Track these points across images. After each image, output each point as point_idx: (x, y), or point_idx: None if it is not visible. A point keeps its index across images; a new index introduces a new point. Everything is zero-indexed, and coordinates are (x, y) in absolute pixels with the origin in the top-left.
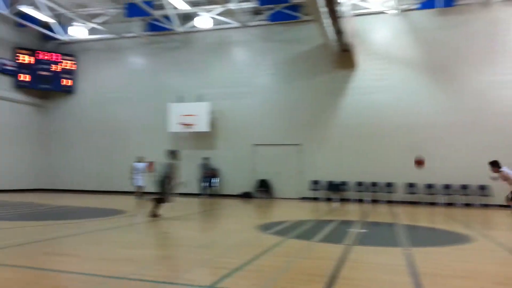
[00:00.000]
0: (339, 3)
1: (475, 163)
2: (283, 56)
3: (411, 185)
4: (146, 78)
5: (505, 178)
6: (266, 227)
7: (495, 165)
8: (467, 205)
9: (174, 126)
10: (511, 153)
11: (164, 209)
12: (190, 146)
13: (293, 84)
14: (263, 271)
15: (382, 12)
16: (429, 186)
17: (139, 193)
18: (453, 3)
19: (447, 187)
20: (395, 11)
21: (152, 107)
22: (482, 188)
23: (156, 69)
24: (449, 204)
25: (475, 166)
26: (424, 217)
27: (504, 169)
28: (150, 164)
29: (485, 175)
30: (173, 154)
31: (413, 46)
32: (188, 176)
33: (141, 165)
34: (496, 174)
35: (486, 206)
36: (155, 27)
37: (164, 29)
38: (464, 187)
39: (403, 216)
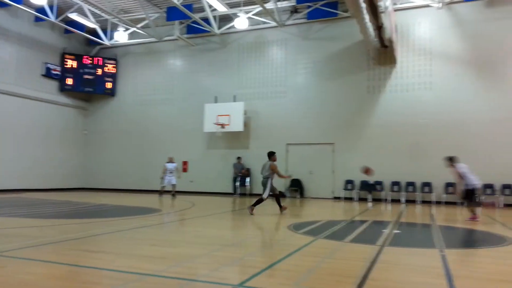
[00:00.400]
0: None
1: None
2: (320, 54)
3: (449, 184)
4: (184, 80)
5: (457, 174)
6: (297, 227)
7: (450, 160)
8: (508, 205)
9: (209, 126)
10: None
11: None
12: (224, 146)
13: (329, 82)
14: (292, 270)
15: (425, 6)
16: None
17: (172, 192)
18: None
19: (488, 186)
20: (439, 4)
21: (189, 108)
22: None
23: (194, 70)
24: (490, 205)
25: None
26: (461, 218)
27: (460, 165)
28: (184, 163)
29: None
30: (271, 155)
31: (457, 40)
32: (221, 175)
33: (171, 165)
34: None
35: None
36: (194, 30)
37: (202, 31)
38: (506, 186)
39: (439, 216)
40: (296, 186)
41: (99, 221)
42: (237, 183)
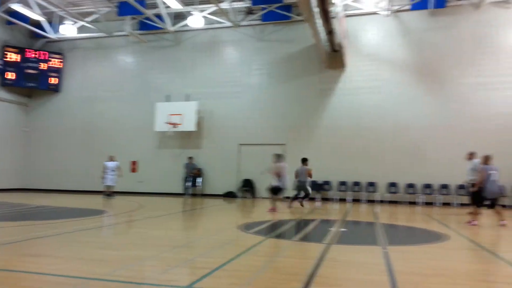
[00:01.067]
0: (332, 3)
1: (456, 163)
2: (273, 56)
3: (392, 184)
4: (134, 77)
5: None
6: (247, 227)
7: (277, 158)
8: (446, 204)
9: (161, 125)
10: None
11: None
12: (176, 146)
13: (282, 84)
14: (242, 270)
15: (374, 13)
16: (410, 186)
17: (109, 193)
18: (444, 4)
19: (427, 186)
20: (387, 12)
21: (140, 106)
22: (461, 187)
23: (145, 68)
24: (428, 203)
25: (456, 166)
26: (403, 216)
27: (282, 164)
28: (133, 163)
29: (463, 175)
30: (305, 160)
31: (403, 47)
32: (172, 175)
33: (112, 163)
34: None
35: (464, 205)
36: (146, 26)
37: (155, 27)
38: (444, 186)
39: (383, 215)
40: (248, 186)
41: (38, 223)
42: (188, 183)
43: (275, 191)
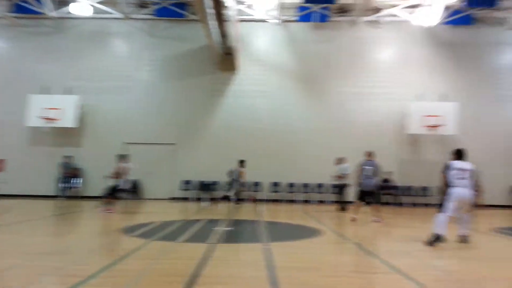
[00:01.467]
0: (226, 6)
1: (331, 164)
2: (165, 53)
3: (275, 184)
4: (4, 65)
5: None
6: (130, 230)
7: (121, 158)
8: (321, 202)
9: (34, 120)
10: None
11: None
12: (52, 143)
13: (173, 82)
14: (122, 276)
15: (265, 21)
16: (291, 185)
17: None
18: (326, 19)
19: (305, 185)
20: (277, 21)
21: (8, 97)
22: (335, 186)
23: (18, 55)
24: (306, 202)
25: (332, 167)
26: (284, 214)
27: (126, 164)
28: (1, 161)
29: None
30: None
31: (290, 55)
32: (46, 175)
33: None
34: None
35: (336, 202)
36: (23, 9)
37: (33, 12)
38: (320, 185)
39: (266, 213)
40: (133, 187)
41: None
42: (64, 185)
43: (113, 191)
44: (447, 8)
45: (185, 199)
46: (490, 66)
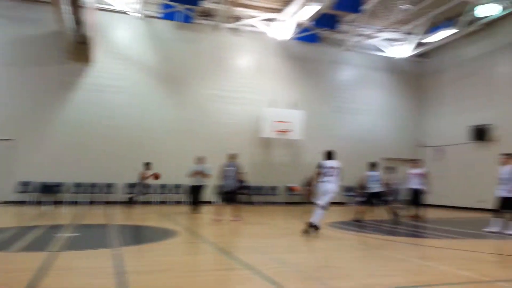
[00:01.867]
0: None
1: (188, 165)
2: (8, 36)
3: (130, 185)
4: None
5: None
6: None
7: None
8: (179, 202)
9: None
10: (220, 158)
11: None
12: None
13: (13, 70)
14: None
15: (125, 13)
16: (145, 186)
17: None
18: (190, 20)
19: (162, 186)
20: (139, 15)
21: None
22: (193, 187)
23: None
24: (163, 202)
25: (188, 167)
26: (138, 217)
27: None
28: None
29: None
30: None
31: (151, 52)
32: None
33: None
34: None
35: (192, 203)
36: None
37: None
38: (177, 186)
39: (119, 216)
40: None
41: None
42: None
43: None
44: (298, 25)
45: (22, 202)
46: (331, 81)
